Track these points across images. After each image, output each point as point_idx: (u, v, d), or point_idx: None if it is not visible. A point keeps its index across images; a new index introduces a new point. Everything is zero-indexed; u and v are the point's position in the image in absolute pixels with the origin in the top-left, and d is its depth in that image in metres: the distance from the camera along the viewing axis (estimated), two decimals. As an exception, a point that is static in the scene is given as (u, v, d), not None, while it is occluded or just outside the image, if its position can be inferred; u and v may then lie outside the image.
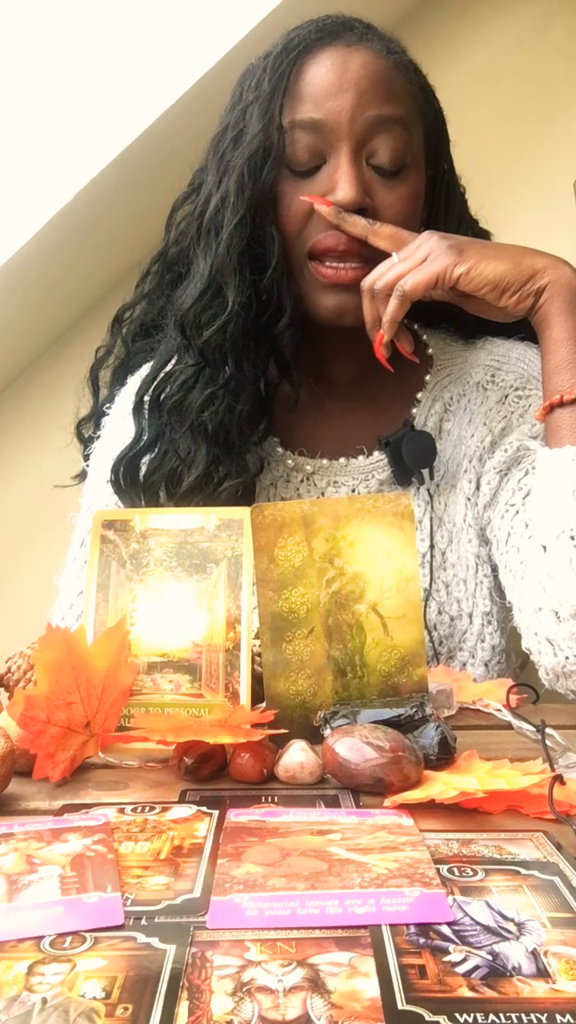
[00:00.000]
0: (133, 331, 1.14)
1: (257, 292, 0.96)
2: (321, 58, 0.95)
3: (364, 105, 0.93)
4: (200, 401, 0.97)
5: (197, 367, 0.98)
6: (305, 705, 0.73)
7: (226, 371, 0.97)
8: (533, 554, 0.89)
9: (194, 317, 0.97)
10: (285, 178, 0.95)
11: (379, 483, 1.05)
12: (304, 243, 0.95)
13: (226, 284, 0.95)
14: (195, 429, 0.98)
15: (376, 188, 0.95)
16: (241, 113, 0.97)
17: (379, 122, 0.94)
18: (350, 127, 0.93)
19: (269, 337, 0.98)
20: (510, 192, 1.47)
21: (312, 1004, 0.38)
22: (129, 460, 1.01)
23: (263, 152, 0.94)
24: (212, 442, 0.97)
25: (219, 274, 0.96)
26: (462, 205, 1.08)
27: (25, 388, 1.55)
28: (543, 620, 0.87)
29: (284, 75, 0.95)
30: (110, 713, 0.70)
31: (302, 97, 0.94)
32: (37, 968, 0.41)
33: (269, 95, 0.94)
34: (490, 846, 0.54)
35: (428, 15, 1.51)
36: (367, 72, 0.94)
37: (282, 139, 0.94)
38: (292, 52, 0.95)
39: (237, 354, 0.97)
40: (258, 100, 0.95)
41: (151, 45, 1.26)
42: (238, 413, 0.97)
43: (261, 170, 0.94)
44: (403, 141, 0.95)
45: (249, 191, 0.94)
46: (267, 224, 0.95)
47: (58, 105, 1.28)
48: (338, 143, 0.94)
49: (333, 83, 0.93)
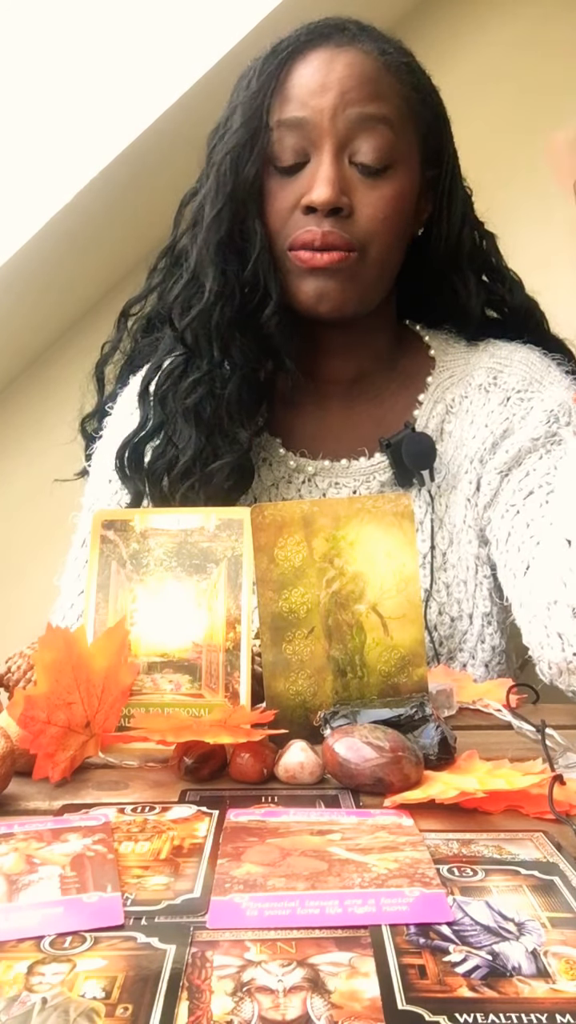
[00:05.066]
0: (140, 326, 1.15)
1: (240, 282, 0.98)
2: (309, 59, 0.96)
3: (346, 104, 0.94)
4: (186, 387, 1.00)
5: (185, 355, 1.01)
6: (305, 705, 0.72)
7: (212, 358, 0.99)
8: (554, 548, 0.88)
9: (179, 306, 1.00)
10: (271, 175, 0.97)
11: (380, 484, 1.05)
12: (285, 238, 0.97)
13: (204, 274, 0.98)
14: (186, 415, 1.00)
15: (357, 187, 0.96)
16: (230, 112, 0.99)
17: (361, 120, 0.95)
18: (331, 125, 0.94)
19: (257, 325, 0.99)
20: (510, 192, 1.46)
21: (312, 1004, 0.38)
22: (134, 447, 1.02)
23: (245, 148, 0.96)
24: (203, 427, 0.99)
25: (198, 265, 0.99)
26: (466, 206, 1.08)
27: (28, 385, 1.55)
28: (557, 614, 0.86)
29: (272, 76, 0.96)
30: (110, 713, 0.70)
31: (288, 97, 0.96)
32: (37, 968, 0.41)
33: (255, 94, 0.96)
34: (490, 846, 0.54)
35: (428, 15, 1.51)
36: (352, 72, 0.95)
37: (267, 137, 0.96)
38: (281, 54, 0.97)
39: (223, 342, 0.99)
40: (245, 100, 0.97)
41: (151, 45, 1.26)
42: (226, 399, 0.99)
43: (243, 165, 0.96)
44: (387, 141, 0.96)
45: (230, 185, 0.96)
46: (250, 218, 0.97)
47: (59, 104, 1.28)
48: (320, 141, 0.95)
49: (318, 83, 0.95)
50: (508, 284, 1.11)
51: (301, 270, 0.97)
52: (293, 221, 0.96)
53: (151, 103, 1.27)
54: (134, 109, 1.27)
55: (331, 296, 0.97)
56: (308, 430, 1.07)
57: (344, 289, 0.97)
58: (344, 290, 0.97)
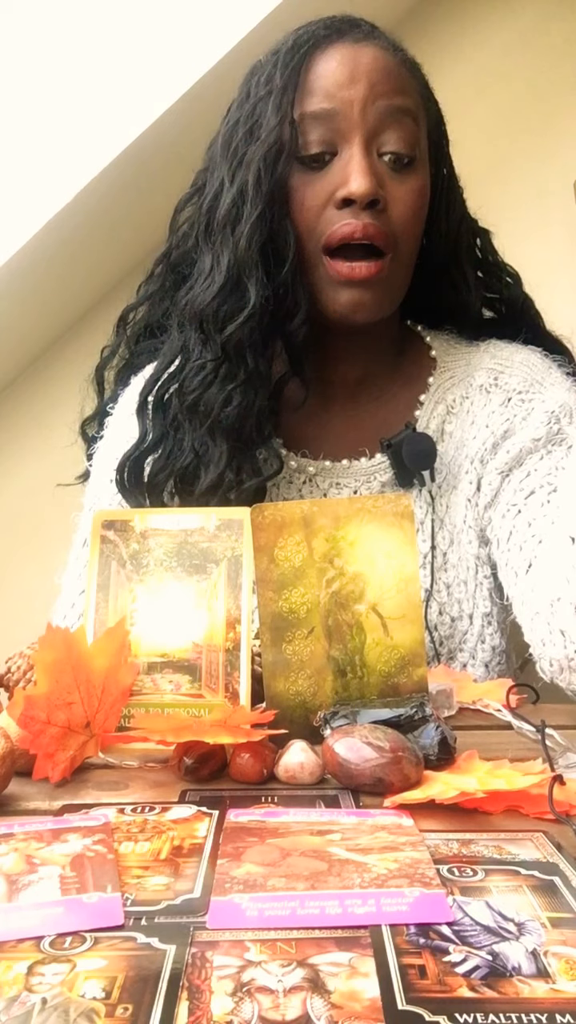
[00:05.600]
0: (137, 332, 1.14)
1: (275, 288, 0.95)
2: (331, 52, 0.95)
3: (376, 95, 0.94)
4: (221, 398, 0.96)
5: (216, 363, 0.97)
6: (305, 705, 0.72)
7: (247, 367, 0.96)
8: (558, 544, 0.88)
9: (213, 312, 0.96)
10: (297, 172, 0.95)
11: (381, 485, 1.05)
12: (319, 237, 0.95)
13: (248, 278, 0.95)
14: (213, 427, 0.97)
15: (387, 181, 0.95)
16: (252, 108, 0.97)
17: (390, 112, 0.94)
18: (362, 116, 0.93)
19: (282, 334, 0.97)
20: (510, 192, 1.47)
21: (312, 1004, 0.38)
22: (134, 461, 1.01)
23: (279, 146, 0.94)
24: (230, 439, 0.97)
25: (240, 268, 0.95)
26: (462, 206, 1.08)
27: (28, 386, 1.55)
28: (560, 611, 0.86)
29: (295, 70, 0.95)
30: (110, 713, 0.70)
31: (313, 90, 0.94)
32: (37, 968, 0.41)
33: (282, 89, 0.94)
34: (490, 846, 0.54)
35: (428, 15, 1.51)
36: (378, 65, 0.95)
37: (294, 132, 0.94)
38: (303, 47, 0.96)
39: (255, 350, 0.96)
40: (271, 95, 0.95)
41: (151, 45, 1.26)
42: (257, 410, 0.97)
43: (277, 164, 0.94)
44: (413, 133, 0.96)
45: (267, 185, 0.94)
46: (282, 218, 0.95)
47: (58, 105, 1.28)
48: (350, 133, 0.94)
49: (345, 75, 0.94)
50: (505, 278, 1.11)
51: (336, 281, 0.95)
52: (327, 217, 0.94)
53: (151, 103, 1.26)
54: (134, 109, 1.27)
55: (367, 306, 0.96)
56: (309, 431, 1.07)
57: (379, 298, 0.97)
58: (379, 299, 0.97)
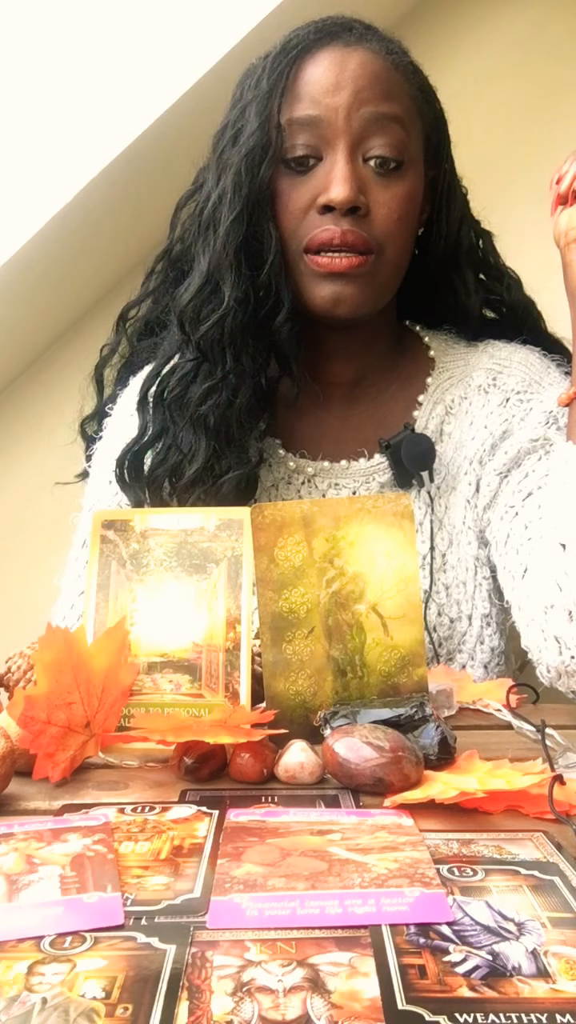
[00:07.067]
0: (138, 329, 1.15)
1: (255, 287, 0.96)
2: (319, 57, 0.95)
3: (361, 102, 0.94)
4: (199, 395, 0.98)
5: (196, 361, 0.99)
6: (305, 705, 0.72)
7: (225, 365, 0.98)
8: (548, 551, 0.88)
9: (192, 312, 0.98)
10: (282, 175, 0.96)
11: (380, 485, 1.05)
12: (301, 239, 0.96)
13: (223, 279, 0.96)
14: (195, 422, 0.98)
15: (372, 186, 0.95)
16: (240, 112, 0.98)
17: (376, 119, 0.94)
18: (346, 124, 0.94)
19: (268, 332, 0.98)
20: (510, 192, 1.46)
21: (312, 1004, 0.38)
22: (134, 455, 1.02)
23: (260, 149, 0.95)
24: (212, 435, 0.98)
25: (216, 270, 0.97)
26: (464, 206, 1.08)
27: (28, 385, 1.54)
28: (553, 618, 0.87)
29: (282, 74, 0.95)
30: (110, 713, 0.70)
31: (300, 95, 0.95)
32: (37, 968, 0.41)
33: (267, 93, 0.95)
34: (490, 846, 0.54)
35: (428, 15, 1.51)
36: (365, 71, 0.95)
37: (280, 137, 0.95)
38: (291, 52, 0.96)
39: (235, 348, 0.97)
40: (256, 99, 0.96)
41: (151, 45, 1.26)
42: (237, 407, 0.98)
43: (258, 167, 0.95)
44: (400, 139, 0.96)
45: (246, 188, 0.95)
46: (264, 220, 0.96)
47: (59, 105, 1.28)
48: (335, 140, 0.94)
49: (331, 81, 0.94)
50: (506, 282, 1.11)
51: (317, 274, 0.96)
52: (308, 221, 0.96)
53: (151, 103, 1.26)
54: (134, 109, 1.27)
55: (348, 300, 0.97)
56: (308, 431, 1.07)
57: (361, 292, 0.97)
58: (361, 293, 0.97)
